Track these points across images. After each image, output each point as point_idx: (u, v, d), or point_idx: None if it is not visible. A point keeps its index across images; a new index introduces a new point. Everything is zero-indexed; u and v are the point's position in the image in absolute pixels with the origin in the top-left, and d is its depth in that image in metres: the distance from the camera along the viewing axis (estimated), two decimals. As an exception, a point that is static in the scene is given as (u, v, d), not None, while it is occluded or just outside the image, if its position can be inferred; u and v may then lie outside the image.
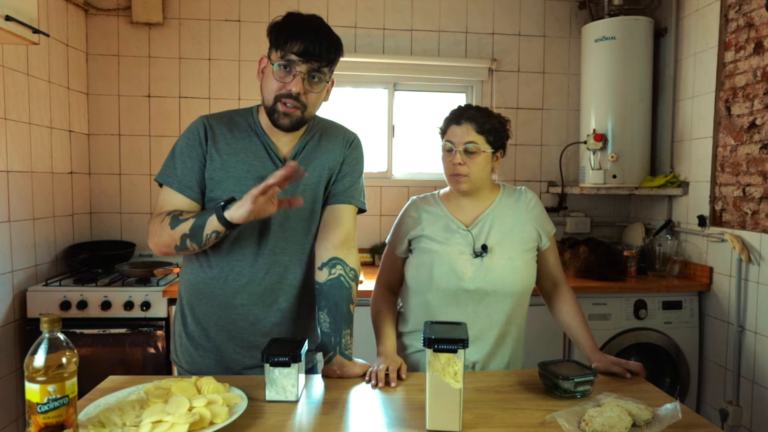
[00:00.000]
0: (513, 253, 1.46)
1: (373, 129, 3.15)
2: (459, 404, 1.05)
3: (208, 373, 1.35)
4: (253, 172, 1.32)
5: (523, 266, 1.47)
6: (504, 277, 1.44)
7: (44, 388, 0.84)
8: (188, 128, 1.35)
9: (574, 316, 1.52)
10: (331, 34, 1.28)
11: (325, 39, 1.25)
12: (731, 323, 2.45)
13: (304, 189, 1.35)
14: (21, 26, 1.72)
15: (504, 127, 1.50)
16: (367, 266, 2.96)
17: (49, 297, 2.31)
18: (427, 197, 1.57)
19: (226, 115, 1.39)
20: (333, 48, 1.27)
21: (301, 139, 1.37)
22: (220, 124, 1.35)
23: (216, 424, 1.00)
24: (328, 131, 1.42)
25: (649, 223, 3.07)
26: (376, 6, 3.02)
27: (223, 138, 1.33)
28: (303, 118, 1.29)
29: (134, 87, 2.91)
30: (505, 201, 1.52)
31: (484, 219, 1.49)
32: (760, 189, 2.28)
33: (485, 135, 1.44)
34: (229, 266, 1.33)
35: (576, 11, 3.16)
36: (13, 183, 2.27)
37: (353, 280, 1.37)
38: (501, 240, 1.46)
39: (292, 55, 1.23)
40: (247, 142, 1.34)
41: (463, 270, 1.43)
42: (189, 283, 1.39)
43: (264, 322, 1.36)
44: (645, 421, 1.08)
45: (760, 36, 2.28)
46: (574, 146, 3.12)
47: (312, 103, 1.29)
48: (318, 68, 1.25)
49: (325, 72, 1.27)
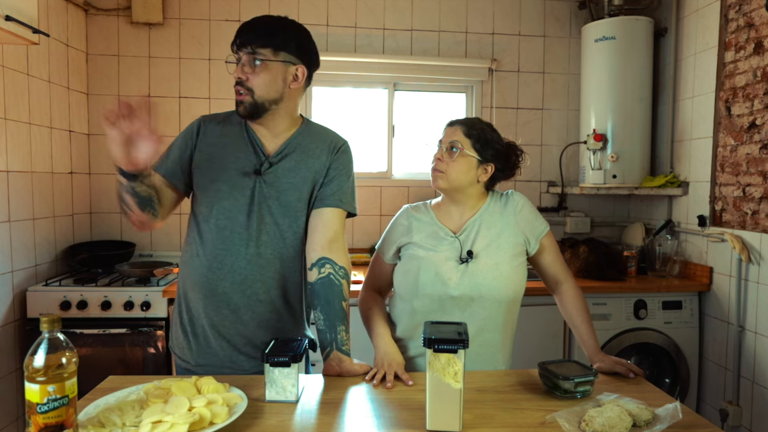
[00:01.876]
0: (499, 258, 1.44)
1: (373, 129, 3.15)
2: (459, 404, 1.05)
3: (195, 361, 1.42)
4: (238, 163, 1.40)
5: (510, 272, 1.45)
6: (489, 282, 1.42)
7: (44, 388, 0.84)
8: (187, 126, 1.49)
9: (577, 315, 1.52)
10: (270, 20, 1.38)
11: (259, 24, 1.36)
12: (731, 323, 2.45)
13: (287, 186, 1.41)
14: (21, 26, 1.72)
15: (498, 142, 1.48)
16: (367, 266, 2.95)
17: (49, 297, 2.31)
18: (418, 206, 1.58)
19: (224, 114, 1.50)
20: (269, 31, 1.35)
21: (289, 138, 1.44)
22: (213, 121, 1.47)
23: (216, 424, 1.00)
24: (316, 135, 1.48)
25: (649, 223, 3.07)
26: (376, 6, 3.02)
27: (213, 133, 1.45)
28: (255, 102, 1.36)
29: (134, 87, 2.91)
30: (493, 207, 1.51)
31: (472, 225, 1.48)
32: (760, 189, 2.28)
33: (471, 139, 1.46)
34: (213, 254, 1.39)
35: (576, 11, 3.16)
36: (13, 183, 2.27)
37: (344, 278, 1.40)
38: (487, 246, 1.45)
39: (234, 45, 1.36)
40: (236, 137, 1.43)
41: (448, 276, 1.43)
42: (183, 269, 1.47)
43: (244, 311, 1.40)
44: (645, 422, 1.08)
45: (760, 36, 2.28)
46: (574, 146, 3.12)
47: (259, 85, 1.35)
48: (253, 51, 1.33)
49: (263, 53, 1.34)
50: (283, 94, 1.39)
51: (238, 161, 1.40)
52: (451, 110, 3.25)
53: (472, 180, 1.47)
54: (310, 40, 1.43)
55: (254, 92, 1.35)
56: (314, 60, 1.45)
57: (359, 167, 3.13)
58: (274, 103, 1.39)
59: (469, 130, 1.47)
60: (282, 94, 1.39)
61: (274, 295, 1.43)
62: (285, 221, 1.42)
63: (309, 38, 1.43)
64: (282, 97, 1.39)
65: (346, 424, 1.09)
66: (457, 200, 1.50)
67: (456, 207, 1.51)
